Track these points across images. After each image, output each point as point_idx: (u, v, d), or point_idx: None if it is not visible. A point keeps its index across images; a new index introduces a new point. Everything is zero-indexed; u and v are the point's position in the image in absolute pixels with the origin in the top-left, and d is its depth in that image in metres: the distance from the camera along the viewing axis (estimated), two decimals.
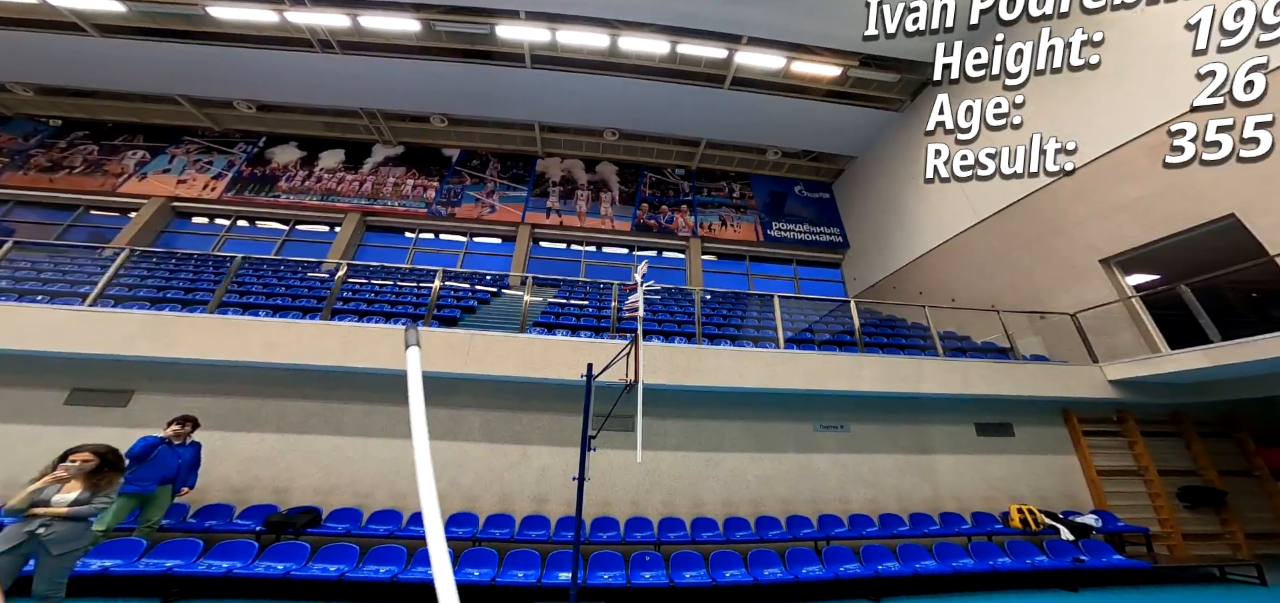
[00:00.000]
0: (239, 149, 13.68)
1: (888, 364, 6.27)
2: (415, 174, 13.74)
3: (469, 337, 5.75)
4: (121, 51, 11.65)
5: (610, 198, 14.73)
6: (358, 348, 5.30)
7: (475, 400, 5.78)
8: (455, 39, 11.01)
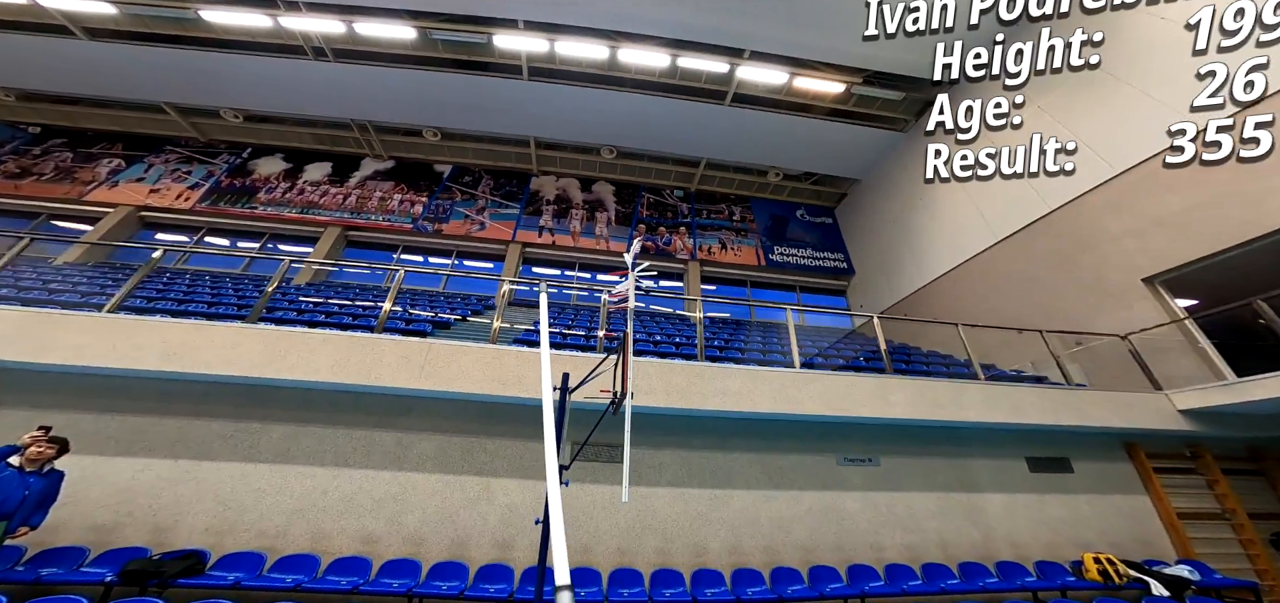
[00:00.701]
0: (222, 160, 12.99)
1: (922, 388, 5.26)
2: (404, 189, 13.01)
3: (425, 347, 4.75)
4: (109, 56, 11.14)
5: (607, 218, 13.99)
6: (286, 357, 4.29)
7: (430, 423, 4.73)
8: (452, 49, 10.52)
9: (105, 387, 4.14)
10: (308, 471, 4.11)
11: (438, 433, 4.67)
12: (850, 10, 8.89)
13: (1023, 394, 5.43)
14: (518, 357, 4.97)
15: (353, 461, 4.30)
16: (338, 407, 4.54)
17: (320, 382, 4.34)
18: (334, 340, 4.54)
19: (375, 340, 4.71)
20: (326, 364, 4.40)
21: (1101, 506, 5.38)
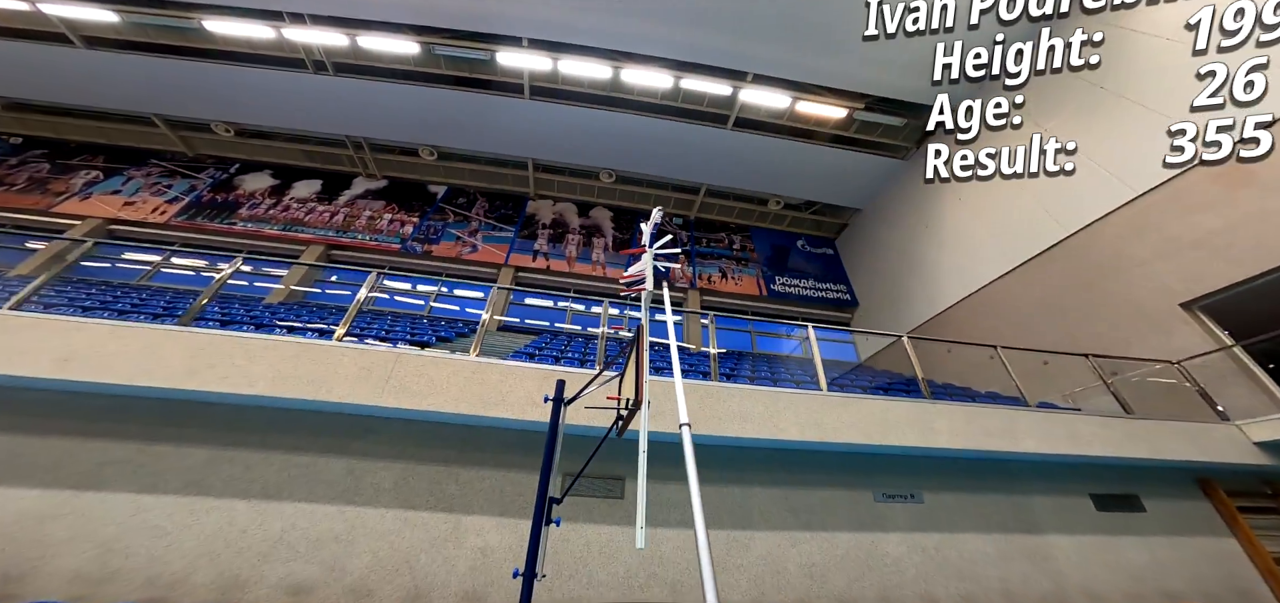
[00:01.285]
0: (207, 175, 12.39)
1: (970, 414, 4.52)
2: (395, 208, 12.43)
3: (392, 358, 3.98)
4: (104, 66, 10.78)
5: (603, 243, 13.44)
6: (216, 366, 3.50)
7: (391, 448, 3.87)
8: (454, 65, 10.26)
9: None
10: (225, 504, 3.22)
11: (400, 460, 3.81)
12: (852, 34, 8.71)
13: (1081, 423, 4.70)
14: (503, 371, 4.19)
15: (288, 492, 3.41)
16: (276, 428, 3.69)
17: (256, 396, 3.52)
18: (278, 347, 3.75)
19: (331, 349, 3.92)
20: (266, 375, 3.59)
21: (1184, 550, 4.55)
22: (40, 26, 10.21)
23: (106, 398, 3.44)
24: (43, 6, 9.82)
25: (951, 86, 4.26)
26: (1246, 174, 6.38)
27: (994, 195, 9.63)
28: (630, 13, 8.72)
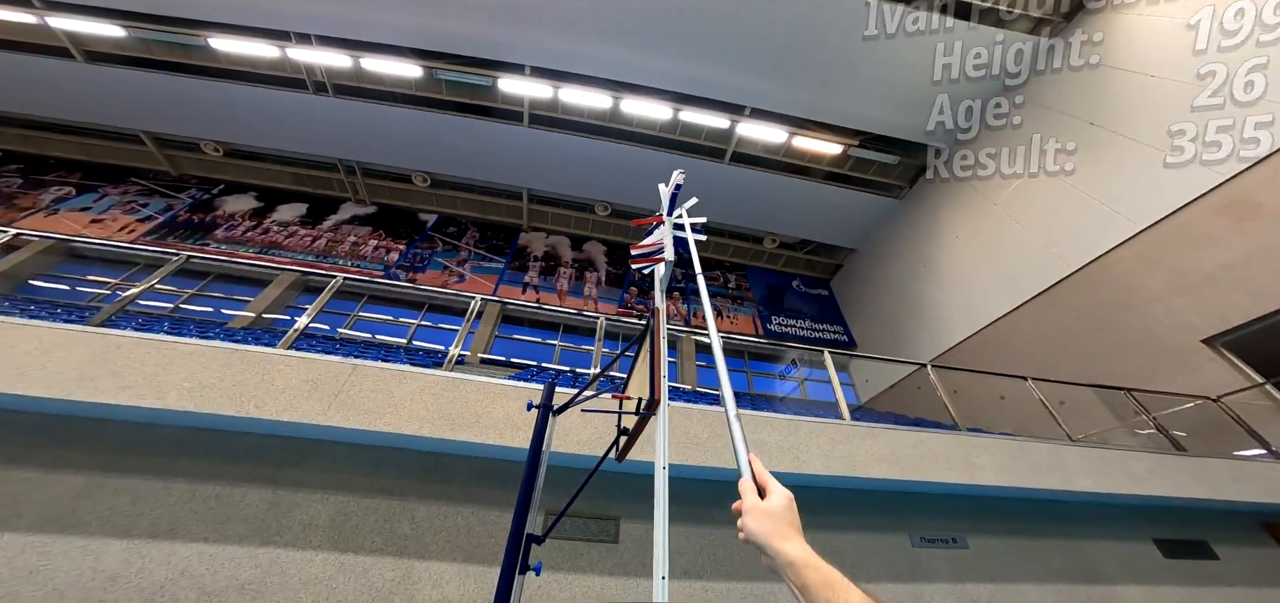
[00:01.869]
0: (187, 195, 11.83)
1: (1015, 449, 3.93)
2: (381, 235, 11.91)
3: (348, 369, 3.34)
4: (100, 81, 10.48)
5: (596, 278, 12.97)
6: (120, 373, 2.84)
7: (332, 477, 3.13)
8: (455, 90, 10.14)
9: None
10: (94, 546, 2.43)
11: (341, 491, 3.05)
12: (848, 70, 8.78)
13: (1135, 461, 4.12)
14: (479, 389, 3.54)
15: (186, 529, 2.63)
16: (187, 450, 2.96)
17: (166, 411, 2.82)
18: (203, 353, 3.09)
19: (270, 358, 3.25)
20: (182, 385, 2.91)
21: (1270, 602, 3.87)
22: (41, 40, 9.96)
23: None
24: (51, 20, 9.62)
25: (951, 85, 4.10)
26: (1251, 207, 6.22)
27: (993, 232, 9.44)
28: (633, 44, 8.72)
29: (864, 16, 8.02)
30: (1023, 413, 7.21)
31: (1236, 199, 6.24)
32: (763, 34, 8.29)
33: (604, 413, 3.58)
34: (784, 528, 0.80)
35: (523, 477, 2.00)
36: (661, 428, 1.70)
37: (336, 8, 8.99)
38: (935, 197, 10.65)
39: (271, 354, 3.35)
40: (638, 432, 1.93)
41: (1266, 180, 5.93)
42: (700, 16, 8.26)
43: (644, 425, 1.93)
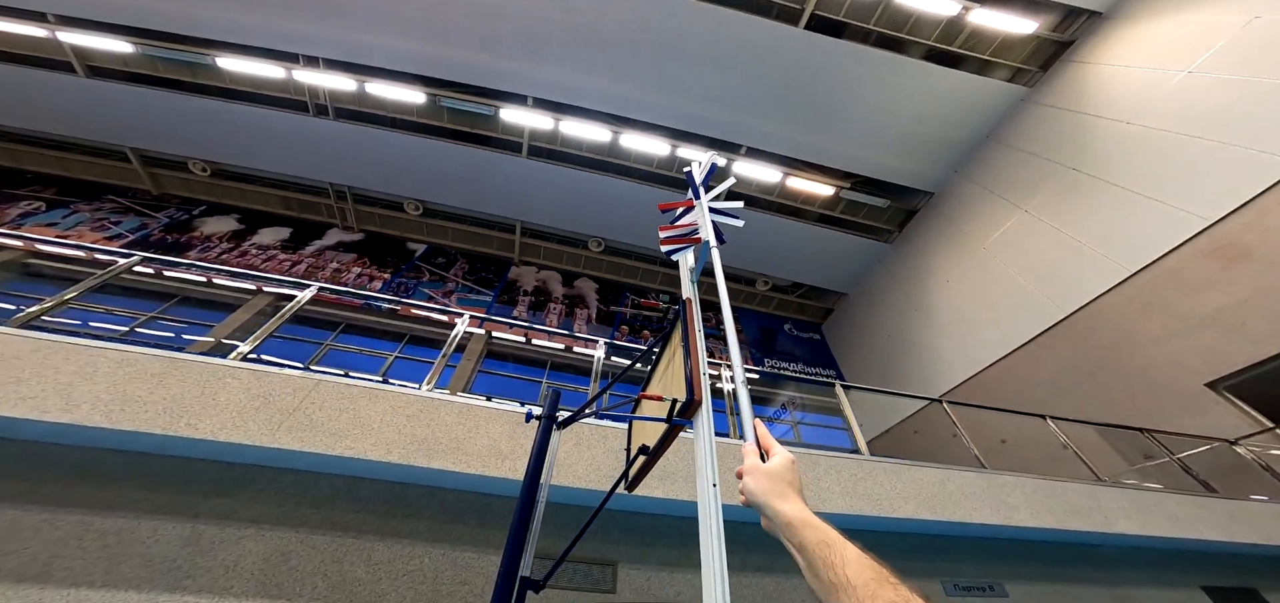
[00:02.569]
0: (165, 214, 11.27)
1: (1049, 488, 3.57)
2: (366, 262, 11.43)
3: (309, 384, 2.89)
4: (96, 96, 10.17)
5: (586, 315, 12.59)
6: (25, 380, 2.36)
7: (271, 509, 2.59)
8: (457, 118, 10.12)
9: None
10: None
11: (282, 526, 2.50)
12: (841, 112, 9.00)
13: (1175, 503, 3.77)
14: (461, 411, 3.09)
15: (63, 571, 2.04)
16: (90, 475, 2.40)
17: (74, 426, 2.29)
18: (131, 361, 2.60)
19: (217, 369, 2.77)
20: (100, 398, 2.42)
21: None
22: (43, 53, 9.74)
23: None
24: (62, 35, 9.43)
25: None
26: (1240, 250, 6.26)
27: (984, 276, 9.45)
28: (635, 80, 8.86)
29: (856, 61, 8.31)
30: (1025, 457, 6.87)
31: (1223, 243, 6.30)
32: (761, 76, 8.50)
33: (617, 422, 3.12)
34: (782, 487, 0.80)
35: (517, 505, 1.55)
36: (705, 436, 1.30)
37: (350, 33, 9.02)
38: (925, 241, 10.74)
39: (218, 365, 2.86)
40: (664, 445, 1.52)
41: (1249, 224, 5.99)
42: (702, 57, 8.47)
43: (672, 437, 1.52)
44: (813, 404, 12.72)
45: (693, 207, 2.08)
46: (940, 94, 8.52)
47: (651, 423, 1.71)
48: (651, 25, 8.25)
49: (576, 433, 3.01)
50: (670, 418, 1.47)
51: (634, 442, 1.97)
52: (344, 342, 9.16)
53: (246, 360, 3.23)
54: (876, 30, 7.98)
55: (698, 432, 1.33)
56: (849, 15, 7.88)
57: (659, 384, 1.74)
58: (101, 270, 4.04)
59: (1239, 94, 5.76)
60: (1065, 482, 3.71)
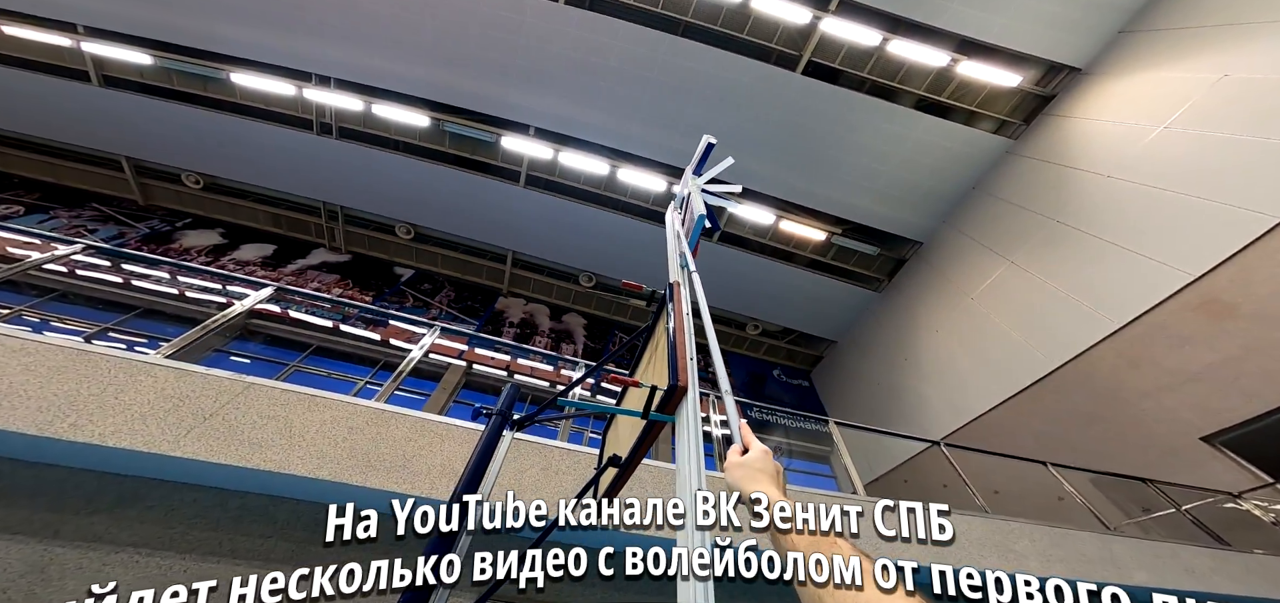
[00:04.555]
0: (147, 225, 10.84)
1: (1056, 536, 3.21)
2: (348, 284, 11.00)
3: (239, 386, 2.46)
4: (105, 105, 10.00)
5: (573, 350, 12.13)
6: None
7: (158, 534, 2.08)
8: (458, 144, 10.10)
9: None
10: None
11: (162, 552, 1.98)
12: (834, 158, 9.11)
13: (1188, 555, 3.40)
14: (415, 427, 2.66)
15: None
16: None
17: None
18: (30, 351, 2.18)
19: (132, 364, 2.36)
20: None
21: None
22: (60, 61, 9.68)
23: None
24: (86, 45, 9.39)
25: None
26: (1227, 307, 6.16)
27: (973, 327, 9.30)
28: (634, 116, 8.97)
29: (850, 108, 8.49)
30: (1020, 509, 6.40)
31: (1209, 298, 6.21)
32: (758, 119, 8.64)
33: (594, 413, 2.70)
34: (753, 474, 0.85)
35: (435, 529, 1.13)
36: (691, 433, 0.95)
37: (366, 57, 9.12)
38: (914, 290, 10.66)
39: (134, 361, 2.42)
40: (641, 449, 1.16)
41: (1233, 281, 5.90)
42: (701, 98, 8.65)
43: (652, 438, 1.17)
44: (799, 450, 12.16)
45: (698, 185, 1.85)
46: (929, 144, 8.69)
47: (629, 425, 1.35)
48: (655, 64, 8.43)
49: (544, 456, 2.58)
50: (648, 412, 1.11)
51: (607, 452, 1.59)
52: (313, 364, 8.54)
53: (171, 360, 2.79)
54: (870, 79, 8.21)
55: (682, 428, 0.99)
56: (844, 63, 8.11)
57: (654, 355, 1.42)
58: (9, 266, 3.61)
59: (1212, 150, 5.83)
60: (1074, 531, 3.32)
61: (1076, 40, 7.60)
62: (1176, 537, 4.33)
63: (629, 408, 1.31)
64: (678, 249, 1.76)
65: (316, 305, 9.26)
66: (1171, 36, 6.88)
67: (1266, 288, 5.51)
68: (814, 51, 8.08)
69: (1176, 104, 6.31)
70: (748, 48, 8.19)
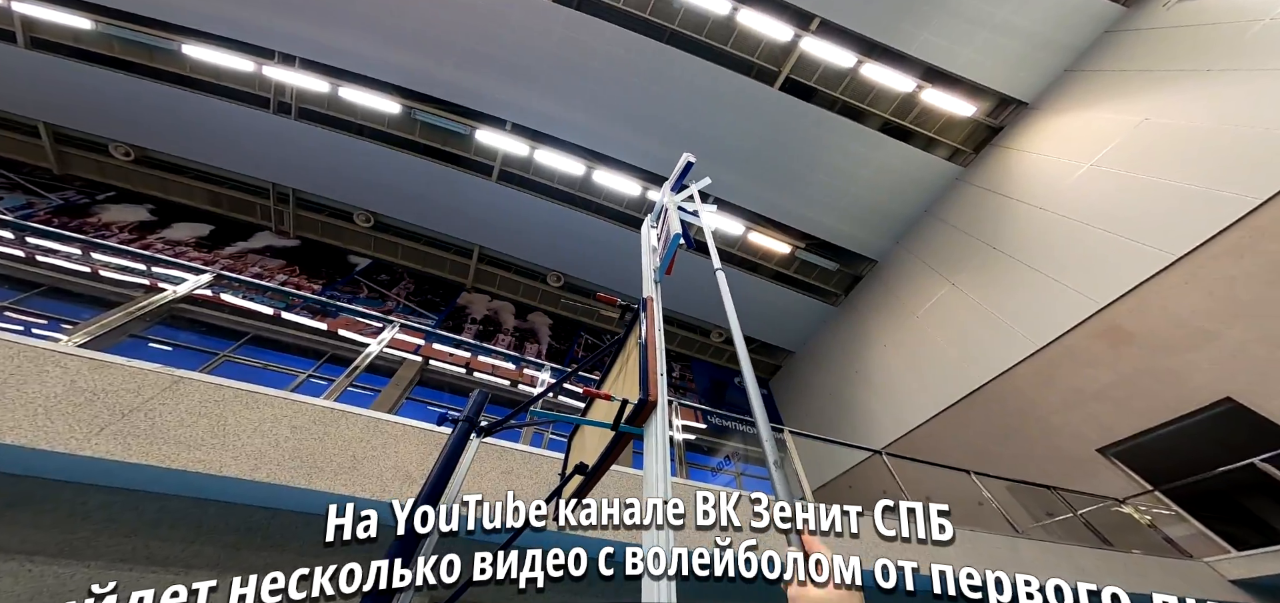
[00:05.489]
0: (61, 196, 9.67)
1: (977, 540, 3.46)
2: (295, 271, 10.27)
3: (165, 379, 2.25)
4: (25, 66, 8.88)
5: (537, 350, 11.91)
6: None
7: (57, 539, 1.86)
8: (429, 133, 9.65)
9: None
10: None
11: (62, 559, 1.78)
12: (804, 174, 9.47)
13: (1079, 555, 3.87)
14: (367, 426, 2.54)
15: None
16: None
17: None
18: None
19: (44, 353, 2.13)
20: None
21: None
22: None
23: None
24: (16, 5, 8.28)
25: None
26: (1125, 334, 6.91)
27: (916, 343, 9.91)
28: (614, 119, 8.98)
29: (822, 126, 8.86)
30: (970, 511, 6.93)
31: (1111, 326, 6.94)
32: (736, 130, 8.86)
33: (559, 437, 2.66)
34: None
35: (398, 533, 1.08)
36: (659, 447, 0.97)
37: (339, 38, 8.57)
38: (867, 306, 11.24)
39: (42, 348, 2.16)
40: (608, 460, 1.16)
41: (1132, 311, 6.61)
42: (681, 106, 8.78)
43: (619, 450, 1.17)
44: (755, 456, 12.48)
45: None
46: (890, 166, 9.21)
47: (596, 435, 1.35)
48: (638, 69, 8.46)
49: (504, 459, 2.51)
50: (618, 424, 1.11)
51: (572, 460, 1.58)
52: (248, 354, 7.91)
53: (85, 348, 2.51)
54: (841, 98, 8.61)
55: (650, 441, 1.00)
56: (820, 81, 8.47)
57: (624, 368, 1.42)
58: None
59: (1128, 188, 6.48)
60: (989, 533, 3.64)
61: (1027, 76, 8.27)
62: (1071, 539, 4.83)
63: (598, 419, 1.31)
64: (652, 264, 1.78)
65: (256, 292, 8.59)
66: (1106, 78, 7.60)
67: (1159, 318, 6.22)
68: (792, 68, 8.39)
69: (1104, 143, 6.96)
70: (731, 60, 8.40)
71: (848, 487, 10.01)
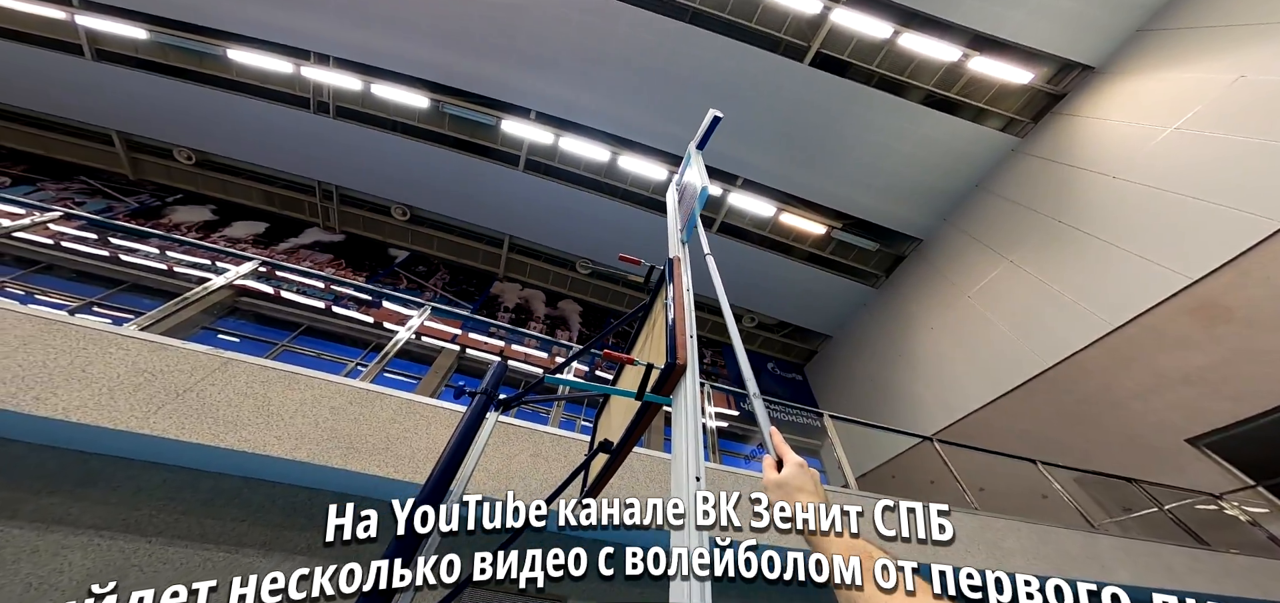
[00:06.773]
0: (136, 199, 10.57)
1: (1042, 533, 3.16)
2: (341, 264, 10.80)
3: (215, 362, 2.33)
4: (98, 78, 9.72)
5: (568, 337, 12.02)
6: None
7: (122, 515, 1.98)
8: (457, 126, 9.89)
9: None
10: None
11: (126, 535, 1.88)
12: (838, 152, 8.97)
13: (1170, 555, 3.44)
14: (402, 407, 2.56)
15: None
16: None
17: None
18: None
19: (106, 336, 2.23)
20: None
21: None
22: (53, 34, 9.38)
23: None
24: (79, 18, 9.06)
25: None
26: (1222, 311, 6.12)
27: (968, 326, 9.25)
28: (637, 103, 8.82)
29: (856, 102, 8.33)
30: (1003, 507, 6.40)
31: (1205, 302, 6.16)
32: (764, 109, 8.47)
33: (590, 392, 2.62)
34: (789, 491, 0.84)
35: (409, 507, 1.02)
36: (689, 415, 0.85)
37: (365, 36, 8.88)
38: (911, 288, 10.60)
39: (106, 332, 2.29)
40: (634, 433, 1.06)
41: (1230, 285, 5.83)
42: (706, 87, 8.48)
43: (648, 421, 1.06)
44: (792, 443, 12.10)
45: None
46: (935, 140, 8.55)
47: (622, 409, 1.26)
48: (660, 50, 8.22)
49: (533, 441, 2.48)
50: (642, 393, 1.00)
51: (598, 437, 1.50)
52: (303, 344, 8.37)
53: (145, 332, 2.65)
54: (878, 72, 8.03)
55: (679, 410, 0.89)
56: (854, 55, 7.93)
57: (653, 330, 1.33)
58: None
59: (1222, 153, 5.72)
60: (1060, 528, 3.29)
61: (1092, 39, 7.43)
62: (1156, 536, 4.34)
63: (624, 389, 1.21)
64: (677, 224, 1.66)
65: (307, 284, 9.06)
66: (1189, 35, 6.72)
67: (1261, 292, 5.47)
68: (823, 43, 7.89)
69: (1189, 105, 6.18)
70: (756, 37, 7.99)
71: (891, 476, 9.58)
